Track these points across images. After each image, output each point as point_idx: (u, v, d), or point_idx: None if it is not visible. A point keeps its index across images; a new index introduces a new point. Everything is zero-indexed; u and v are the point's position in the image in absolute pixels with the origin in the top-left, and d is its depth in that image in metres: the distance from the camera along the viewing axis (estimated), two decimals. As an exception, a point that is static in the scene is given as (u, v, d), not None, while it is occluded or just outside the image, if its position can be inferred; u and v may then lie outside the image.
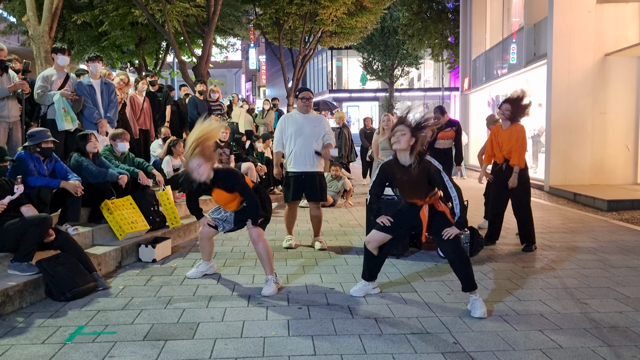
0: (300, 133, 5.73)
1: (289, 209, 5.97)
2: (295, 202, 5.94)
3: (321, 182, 5.86)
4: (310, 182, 5.75)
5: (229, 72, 59.38)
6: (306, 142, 5.71)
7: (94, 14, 15.61)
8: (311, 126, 5.76)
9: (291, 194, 5.82)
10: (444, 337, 3.41)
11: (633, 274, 4.90)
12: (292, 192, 5.82)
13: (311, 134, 5.73)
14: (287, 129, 5.81)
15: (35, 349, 3.25)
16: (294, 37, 19.76)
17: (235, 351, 3.22)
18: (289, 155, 5.80)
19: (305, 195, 5.87)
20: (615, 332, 3.51)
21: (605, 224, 7.55)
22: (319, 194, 5.83)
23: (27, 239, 4.11)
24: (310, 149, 5.72)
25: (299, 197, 5.90)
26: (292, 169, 5.79)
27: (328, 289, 4.44)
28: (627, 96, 11.61)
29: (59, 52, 6.23)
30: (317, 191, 5.80)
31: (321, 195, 5.86)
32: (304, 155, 5.71)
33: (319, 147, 5.79)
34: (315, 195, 5.83)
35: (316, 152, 5.76)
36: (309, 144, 5.71)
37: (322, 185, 5.88)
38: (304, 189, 5.80)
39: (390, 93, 35.01)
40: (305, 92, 5.86)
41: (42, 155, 4.91)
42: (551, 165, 11.84)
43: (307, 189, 5.79)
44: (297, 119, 5.82)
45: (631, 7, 11.55)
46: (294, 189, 5.80)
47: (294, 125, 5.78)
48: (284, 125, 5.85)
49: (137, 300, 4.13)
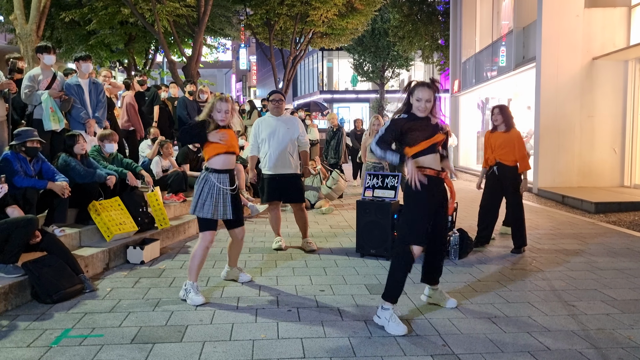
0: (273, 135, 5.73)
1: (270, 211, 5.99)
2: (275, 203, 5.93)
3: (297, 183, 5.87)
4: (285, 184, 5.76)
5: (219, 72, 59.20)
6: (280, 144, 5.72)
7: (82, 12, 15.48)
8: (285, 128, 5.77)
9: (266, 195, 5.83)
10: (433, 340, 3.42)
11: (620, 276, 4.94)
12: (267, 194, 5.83)
13: (285, 135, 5.74)
14: (260, 132, 5.81)
15: (20, 352, 3.20)
16: (285, 37, 19.74)
17: (224, 354, 3.20)
18: (263, 158, 5.80)
19: (285, 199, 5.89)
20: (602, 334, 3.53)
21: (593, 226, 7.61)
22: (296, 195, 5.84)
23: (12, 241, 4.06)
24: (284, 151, 5.73)
25: (276, 198, 5.88)
26: (267, 172, 5.79)
27: (318, 291, 4.43)
28: (615, 100, 11.74)
29: (44, 52, 6.16)
30: (294, 192, 5.82)
31: (298, 197, 5.87)
32: (278, 157, 5.72)
33: (294, 149, 5.81)
34: (293, 197, 5.85)
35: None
36: (283, 145, 5.72)
37: (298, 187, 5.89)
38: (280, 190, 5.79)
39: (381, 94, 35.08)
40: (276, 95, 5.88)
41: (28, 155, 4.85)
42: (540, 168, 11.93)
43: (284, 192, 5.80)
44: (270, 122, 5.81)
45: (619, 11, 11.68)
46: (268, 190, 5.81)
47: (267, 129, 5.77)
48: (258, 129, 5.85)
49: (125, 303, 4.09)
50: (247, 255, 5.62)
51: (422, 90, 3.59)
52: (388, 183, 5.71)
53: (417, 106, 3.62)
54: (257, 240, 6.44)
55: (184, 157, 7.88)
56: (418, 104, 3.61)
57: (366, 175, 5.91)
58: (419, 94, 3.60)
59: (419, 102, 3.61)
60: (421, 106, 3.60)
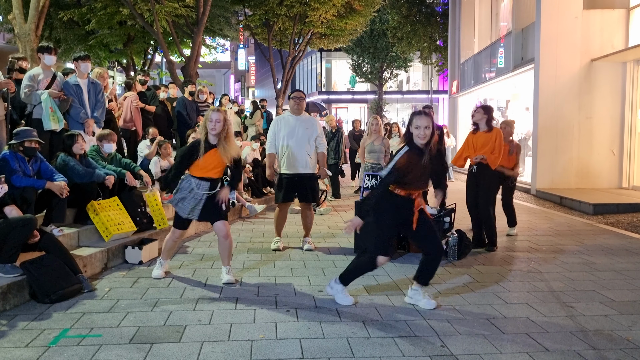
0: (292, 135, 5.74)
1: (279, 211, 5.97)
2: (286, 204, 5.94)
3: (313, 183, 5.87)
4: (302, 183, 5.77)
5: (218, 72, 59.15)
6: (298, 144, 5.73)
7: (81, 12, 15.46)
8: (303, 128, 5.78)
9: (282, 195, 5.82)
10: (431, 341, 3.42)
11: (618, 277, 4.95)
12: (283, 194, 5.82)
13: (303, 135, 5.75)
14: (279, 130, 5.83)
15: (18, 352, 3.19)
16: (284, 38, 19.73)
17: (222, 354, 3.19)
18: (281, 157, 5.82)
19: (297, 196, 5.89)
20: (600, 335, 3.54)
21: (591, 228, 7.63)
22: (310, 195, 5.84)
23: (11, 240, 4.05)
24: (302, 151, 5.74)
25: (290, 199, 5.91)
26: (285, 171, 5.80)
27: (316, 291, 4.43)
28: (613, 101, 11.76)
29: (45, 52, 6.16)
30: (308, 192, 5.82)
31: (313, 197, 5.88)
32: (296, 157, 5.73)
33: (311, 149, 5.82)
34: (306, 197, 5.85)
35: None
36: (301, 145, 5.73)
37: (314, 187, 5.90)
38: (296, 190, 5.80)
39: (379, 95, 35.10)
40: (298, 92, 5.92)
41: (26, 154, 4.84)
42: (538, 169, 11.95)
43: (299, 190, 5.81)
44: (289, 121, 5.83)
45: (617, 13, 11.71)
46: (285, 191, 5.81)
47: (286, 127, 5.79)
48: (277, 127, 5.87)
49: (123, 303, 4.08)
50: (246, 256, 5.62)
51: (420, 118, 3.78)
52: (387, 184, 5.70)
53: (417, 134, 3.79)
54: (255, 241, 6.44)
55: (182, 158, 7.86)
56: (417, 131, 3.79)
57: (364, 176, 5.91)
58: (417, 122, 3.79)
59: (417, 130, 3.79)
60: (420, 133, 3.77)
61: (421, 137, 3.76)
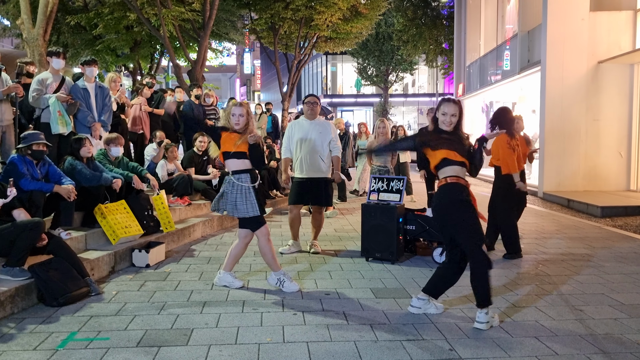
0: (306, 139, 5.77)
1: (291, 212, 5.99)
2: (297, 206, 5.95)
3: (326, 187, 5.88)
4: (315, 187, 5.78)
5: (223, 76, 59.33)
6: (312, 148, 5.75)
7: (88, 17, 15.55)
8: (317, 132, 5.80)
9: (294, 197, 5.86)
10: (439, 344, 3.40)
11: (627, 280, 4.91)
12: (294, 196, 5.85)
13: (317, 139, 5.77)
14: (294, 135, 5.87)
15: (27, 356, 3.20)
16: (289, 42, 19.75)
17: (229, 357, 3.19)
18: (295, 161, 5.85)
19: (310, 199, 5.89)
20: (610, 339, 3.51)
21: (599, 231, 7.57)
22: (323, 199, 5.86)
23: (19, 244, 4.07)
24: (316, 155, 5.75)
25: (301, 202, 5.92)
26: (299, 175, 5.83)
27: (323, 294, 4.42)
28: (620, 103, 11.69)
29: (53, 56, 6.23)
30: (321, 196, 5.83)
31: (326, 201, 5.90)
32: (310, 161, 5.75)
33: (325, 153, 5.83)
34: (319, 200, 5.86)
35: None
36: (315, 149, 5.76)
37: (328, 191, 5.91)
38: (309, 194, 5.81)
39: (385, 98, 35.09)
40: (311, 97, 5.95)
41: (33, 157, 4.86)
42: (545, 172, 11.89)
43: (312, 194, 5.82)
44: (303, 125, 5.86)
45: (624, 15, 11.65)
46: (296, 194, 5.84)
47: (300, 132, 5.82)
48: (291, 131, 5.92)
49: (131, 306, 4.09)
50: (252, 259, 5.62)
51: (448, 105, 3.77)
52: (393, 186, 5.70)
53: (443, 120, 3.78)
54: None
55: (189, 161, 7.90)
56: (443, 117, 3.78)
57: (371, 179, 5.90)
58: (444, 109, 3.78)
59: (444, 116, 3.78)
60: (446, 120, 3.77)
61: (446, 123, 3.76)
